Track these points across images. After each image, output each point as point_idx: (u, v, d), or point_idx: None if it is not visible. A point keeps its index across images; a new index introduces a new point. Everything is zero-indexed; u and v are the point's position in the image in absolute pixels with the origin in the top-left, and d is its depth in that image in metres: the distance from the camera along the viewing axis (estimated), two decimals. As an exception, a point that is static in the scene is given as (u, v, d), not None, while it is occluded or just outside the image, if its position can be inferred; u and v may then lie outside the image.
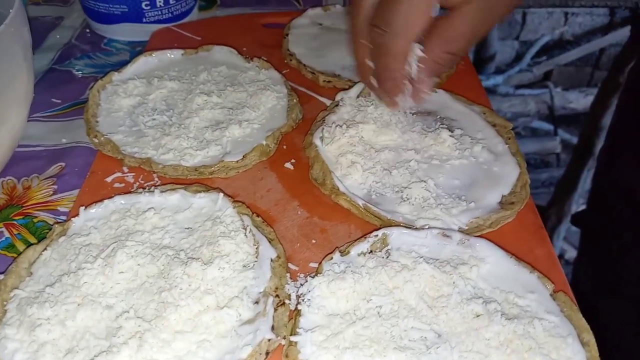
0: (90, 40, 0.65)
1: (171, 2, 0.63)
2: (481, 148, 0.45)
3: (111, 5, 0.61)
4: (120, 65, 0.59)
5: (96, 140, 0.46)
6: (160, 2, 0.62)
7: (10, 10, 0.40)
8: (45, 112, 0.53)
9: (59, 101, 0.55)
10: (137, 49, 0.64)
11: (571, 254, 1.76)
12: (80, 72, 0.59)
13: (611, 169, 0.67)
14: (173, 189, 0.41)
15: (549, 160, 2.00)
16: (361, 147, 0.45)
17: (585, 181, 1.55)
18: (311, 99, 0.55)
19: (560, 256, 1.75)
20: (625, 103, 0.68)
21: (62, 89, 0.56)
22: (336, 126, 0.46)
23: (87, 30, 0.67)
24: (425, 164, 0.44)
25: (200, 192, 0.41)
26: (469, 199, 0.42)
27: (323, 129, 0.47)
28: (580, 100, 1.95)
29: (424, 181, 0.42)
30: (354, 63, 0.44)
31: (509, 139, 0.48)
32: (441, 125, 0.47)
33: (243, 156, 0.45)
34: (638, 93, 0.63)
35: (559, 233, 1.61)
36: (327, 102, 0.54)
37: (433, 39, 0.38)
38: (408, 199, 0.42)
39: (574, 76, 2.01)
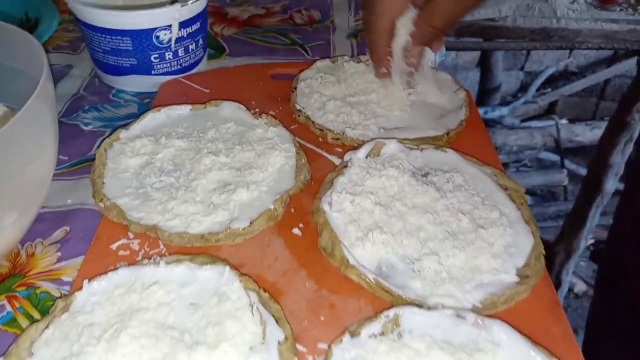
0: (99, 91, 0.65)
1: (180, 54, 0.63)
2: (498, 216, 0.44)
3: (120, 58, 0.62)
4: (128, 119, 0.59)
5: (102, 205, 0.46)
6: (169, 55, 0.62)
7: (40, 79, 0.39)
8: (51, 169, 0.53)
9: (66, 158, 0.54)
10: (145, 101, 0.64)
11: (580, 287, 1.74)
12: (88, 127, 0.59)
13: (632, 205, 0.66)
14: (179, 260, 0.41)
15: (555, 192, 1.99)
16: (369, 216, 0.45)
17: (594, 217, 1.53)
18: (319, 156, 0.54)
19: (570, 290, 1.72)
20: None
21: (69, 144, 0.56)
22: (345, 192, 0.46)
23: (96, 80, 0.67)
24: (437, 233, 0.43)
25: (206, 263, 0.40)
26: (483, 272, 0.41)
27: (332, 193, 0.46)
28: (587, 134, 1.95)
29: (436, 254, 0.41)
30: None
31: (522, 204, 0.47)
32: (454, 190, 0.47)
33: (250, 222, 0.44)
34: None
35: (568, 269, 1.58)
36: (336, 160, 0.53)
37: (420, 17, 0.52)
38: (419, 272, 0.41)
39: (579, 107, 2.01)
